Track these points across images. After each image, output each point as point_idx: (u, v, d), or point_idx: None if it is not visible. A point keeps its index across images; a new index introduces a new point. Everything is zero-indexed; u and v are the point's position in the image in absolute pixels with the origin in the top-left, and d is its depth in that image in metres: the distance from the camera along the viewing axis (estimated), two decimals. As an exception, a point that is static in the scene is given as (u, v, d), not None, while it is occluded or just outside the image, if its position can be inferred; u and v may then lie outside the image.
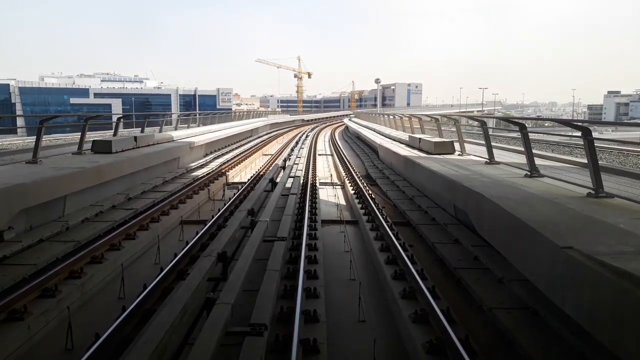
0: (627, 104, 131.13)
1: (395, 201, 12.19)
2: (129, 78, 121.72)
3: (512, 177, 8.03)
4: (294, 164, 19.09)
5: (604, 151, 13.74)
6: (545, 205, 5.84)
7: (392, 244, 7.75)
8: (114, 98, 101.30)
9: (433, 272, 7.02)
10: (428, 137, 14.51)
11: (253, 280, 6.20)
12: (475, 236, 7.74)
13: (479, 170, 9.06)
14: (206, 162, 19.52)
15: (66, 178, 9.06)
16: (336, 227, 10.33)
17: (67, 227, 8.94)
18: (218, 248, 6.33)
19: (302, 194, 12.73)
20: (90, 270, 6.88)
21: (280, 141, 37.00)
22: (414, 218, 10.16)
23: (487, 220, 6.45)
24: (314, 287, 5.93)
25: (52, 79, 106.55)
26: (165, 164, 15.48)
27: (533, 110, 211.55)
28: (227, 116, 36.09)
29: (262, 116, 56.55)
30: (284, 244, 7.41)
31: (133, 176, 12.87)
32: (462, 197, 7.76)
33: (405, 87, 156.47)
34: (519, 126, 7.92)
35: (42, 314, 5.54)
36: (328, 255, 8.06)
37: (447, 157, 11.58)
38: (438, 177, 9.52)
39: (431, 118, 16.51)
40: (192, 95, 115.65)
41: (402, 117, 21.58)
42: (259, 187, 12.80)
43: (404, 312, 5.41)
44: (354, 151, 27.86)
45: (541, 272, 4.55)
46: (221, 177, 15.82)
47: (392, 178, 15.15)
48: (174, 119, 26.10)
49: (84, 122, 12.45)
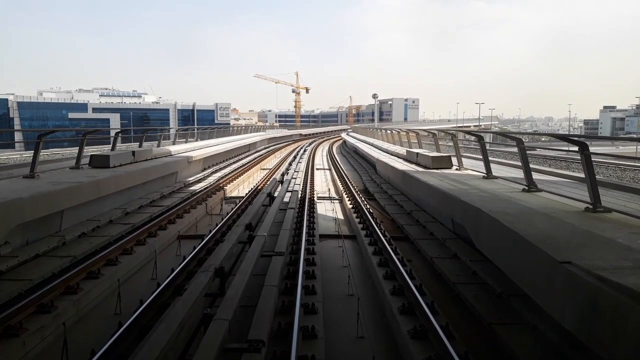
0: (622, 118, 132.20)
1: (393, 215, 12.19)
2: (127, 93, 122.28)
3: (509, 192, 8.05)
4: (292, 178, 19.13)
5: (601, 165, 13.83)
6: (543, 219, 5.86)
7: (391, 258, 7.73)
8: (112, 113, 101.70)
9: (432, 287, 6.98)
10: (426, 151, 14.58)
11: (251, 295, 6.16)
12: (473, 250, 7.73)
13: (476, 185, 9.09)
14: (204, 176, 19.53)
15: (63, 193, 9.04)
16: (334, 242, 10.30)
17: (64, 242, 8.89)
18: (215, 263, 6.30)
19: (300, 208, 12.72)
20: (86, 285, 6.83)
21: (278, 155, 37.08)
22: (412, 232, 10.14)
23: (485, 234, 6.45)
24: (312, 302, 5.89)
25: (51, 94, 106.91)
26: (163, 178, 15.47)
27: (529, 125, 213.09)
28: (225, 131, 36.23)
29: (260, 131, 56.79)
30: (281, 259, 7.38)
31: (131, 191, 12.85)
32: (461, 212, 7.77)
33: (402, 102, 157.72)
34: (516, 141, 7.98)
35: (38, 330, 5.48)
36: (326, 270, 8.02)
37: (445, 171, 11.62)
38: (436, 192, 9.54)
39: (428, 133, 16.60)
40: (190, 110, 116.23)
41: (399, 131, 21.70)
42: (256, 202, 12.79)
43: (403, 327, 5.37)
44: (352, 165, 27.92)
45: (540, 287, 4.53)
46: (219, 192, 15.81)
47: (390, 192, 15.17)
48: (172, 134, 26.12)
49: (82, 136, 12.47)
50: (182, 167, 17.27)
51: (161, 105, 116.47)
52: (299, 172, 22.03)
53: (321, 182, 20.44)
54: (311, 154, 36.27)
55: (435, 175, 11.02)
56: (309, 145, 51.28)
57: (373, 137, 33.77)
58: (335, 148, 47.24)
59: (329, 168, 26.26)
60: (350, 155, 36.31)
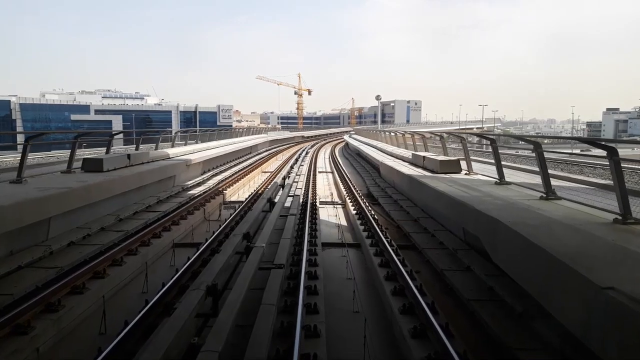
0: (625, 121, 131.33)
1: (399, 222, 11.64)
2: (129, 95, 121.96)
3: (526, 200, 7.49)
4: (294, 182, 18.57)
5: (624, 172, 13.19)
6: (570, 233, 5.30)
7: (399, 271, 7.18)
8: (114, 115, 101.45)
9: (444, 304, 6.42)
10: (433, 155, 14.01)
11: (247, 314, 5.62)
12: (488, 263, 7.17)
13: (489, 192, 8.53)
14: (203, 180, 19.00)
15: (50, 199, 8.52)
16: (337, 251, 9.76)
17: (51, 252, 8.38)
18: (208, 280, 5.75)
19: (301, 214, 12.18)
20: (69, 302, 6.31)
21: (280, 158, 36.55)
22: (420, 241, 9.59)
23: (503, 248, 5.90)
24: (314, 324, 5.34)
25: (53, 96, 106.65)
26: (160, 182, 14.96)
27: (532, 127, 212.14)
28: (226, 133, 35.71)
29: (262, 133, 56.31)
30: (281, 273, 6.84)
31: (125, 196, 12.34)
32: (473, 221, 7.22)
33: (404, 104, 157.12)
34: (533, 145, 7.43)
35: (12, 354, 4.97)
36: (329, 284, 7.48)
37: (454, 176, 11.06)
38: (445, 198, 8.99)
39: (433, 135, 16.04)
40: (192, 112, 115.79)
41: (404, 134, 21.12)
42: (256, 207, 12.25)
43: (415, 353, 4.82)
44: (355, 168, 27.37)
45: (574, 313, 3.98)
46: (218, 196, 15.28)
47: (394, 197, 14.62)
48: (171, 136, 25.55)
49: (74, 139, 11.96)
50: (180, 171, 16.76)
51: (163, 107, 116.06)
52: (301, 175, 21.48)
53: (323, 185, 19.89)
54: (313, 156, 35.74)
55: (444, 180, 10.46)
56: (311, 147, 50.74)
57: (376, 140, 33.22)
58: (337, 150, 46.69)
59: (331, 171, 25.71)
60: (352, 158, 35.76)
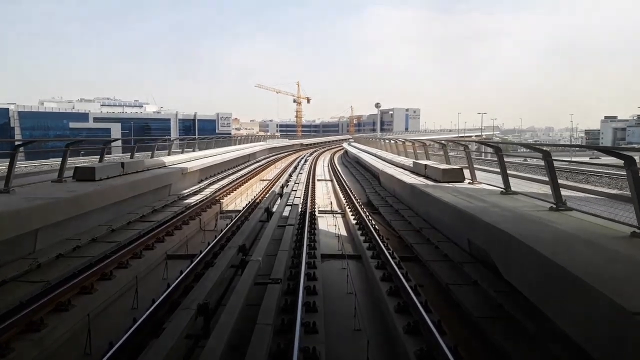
0: (624, 129, 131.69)
1: (400, 232, 11.28)
2: (128, 102, 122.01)
3: (535, 211, 7.15)
4: (292, 191, 18.23)
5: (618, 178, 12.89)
6: (587, 248, 4.95)
7: (402, 286, 6.80)
8: (113, 122, 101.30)
9: (451, 321, 6.04)
10: (435, 163, 13.69)
11: (241, 334, 5.24)
12: (496, 278, 6.81)
13: (495, 202, 8.19)
14: (200, 188, 18.66)
15: (38, 209, 8.17)
16: (337, 263, 9.39)
17: (38, 265, 8.01)
18: (200, 297, 5.38)
19: (300, 224, 11.82)
20: (53, 320, 5.93)
21: (279, 166, 36.23)
22: (423, 253, 9.23)
23: (517, 265, 5.54)
24: (312, 345, 4.97)
25: (52, 104, 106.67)
26: (155, 191, 14.61)
27: (530, 135, 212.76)
28: (224, 141, 35.41)
29: (261, 141, 56.08)
30: (278, 288, 6.47)
31: (119, 205, 11.98)
32: (481, 233, 6.88)
33: (403, 112, 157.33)
34: (543, 153, 7.11)
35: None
36: (329, 299, 7.10)
37: (457, 185, 10.73)
38: (449, 209, 8.65)
39: (436, 143, 15.73)
40: (191, 120, 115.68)
41: (404, 142, 20.81)
42: (253, 217, 11.89)
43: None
44: (354, 176, 27.03)
45: (601, 340, 3.62)
46: (214, 205, 14.92)
47: (395, 206, 14.27)
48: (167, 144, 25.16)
49: (65, 147, 11.62)
50: (176, 179, 16.41)
51: (162, 115, 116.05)
52: (300, 183, 21.13)
53: (322, 194, 19.55)
54: (312, 164, 35.42)
55: (447, 189, 10.12)
56: (310, 155, 50.45)
57: (375, 147, 32.94)
58: (336, 158, 46.40)
59: (330, 179, 25.38)
60: (352, 166, 35.45)
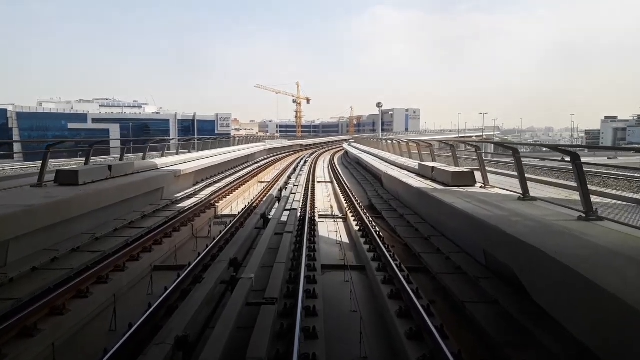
0: (624, 129, 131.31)
1: (407, 240, 10.50)
2: (127, 103, 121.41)
3: (561, 220, 6.36)
4: (291, 194, 17.45)
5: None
6: (632, 267, 4.17)
7: (414, 306, 6.01)
8: (112, 123, 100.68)
9: (472, 350, 5.27)
10: (442, 165, 12.89)
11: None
12: (520, 297, 6.02)
13: (514, 209, 7.41)
14: (195, 191, 17.86)
15: (7, 219, 7.38)
16: (339, 275, 8.62)
17: (11, 279, 7.23)
18: (179, 327, 4.59)
19: (299, 230, 11.05)
20: (15, 348, 5.16)
21: (278, 167, 35.45)
22: (433, 264, 8.44)
23: (549, 285, 4.76)
24: (312, 386, 4.19)
25: (50, 104, 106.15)
26: (146, 195, 13.82)
27: (530, 135, 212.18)
28: (222, 142, 34.59)
29: (260, 141, 55.29)
30: (273, 310, 5.69)
31: (105, 211, 11.19)
32: (501, 245, 6.10)
33: (403, 112, 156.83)
34: (571, 156, 6.33)
35: None
36: (331, 319, 6.32)
37: (469, 189, 9.94)
38: (462, 216, 7.87)
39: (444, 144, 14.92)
40: (190, 121, 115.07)
41: (407, 142, 19.99)
42: (249, 224, 11.10)
43: None
44: (355, 178, 26.25)
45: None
46: (209, 210, 14.15)
47: (400, 211, 13.47)
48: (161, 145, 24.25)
49: (46, 149, 10.83)
50: (169, 182, 15.61)
51: (161, 115, 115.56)
52: (299, 186, 20.33)
53: (322, 196, 18.77)
54: (312, 165, 34.65)
55: (459, 194, 9.34)
56: (310, 156, 49.67)
57: (377, 148, 32.15)
58: (337, 159, 45.62)
59: (330, 181, 24.60)
60: (352, 167, 34.68)
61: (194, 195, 16.84)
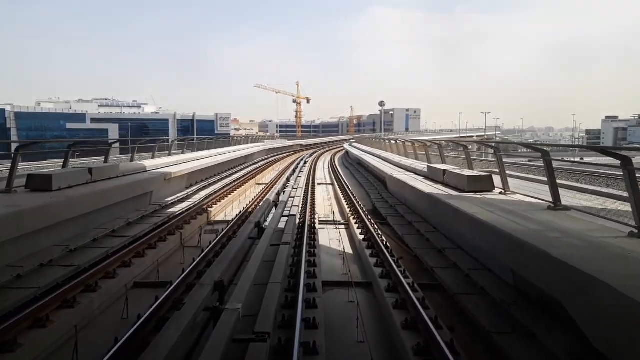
0: (625, 128, 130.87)
1: (417, 251, 9.47)
2: (127, 103, 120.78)
3: (613, 237, 5.33)
4: (289, 198, 16.38)
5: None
6: None
7: (435, 343, 4.97)
8: (111, 123, 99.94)
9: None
10: (455, 168, 11.82)
11: None
12: (563, 329, 4.99)
13: (547, 222, 6.38)
14: (187, 195, 16.82)
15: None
16: (343, 294, 7.62)
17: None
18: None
19: (297, 240, 10.03)
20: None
21: (277, 168, 34.41)
22: (450, 282, 7.41)
23: (612, 326, 3.73)
24: None
25: (49, 104, 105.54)
26: (133, 200, 12.79)
27: (530, 135, 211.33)
28: (218, 142, 33.48)
29: (259, 141, 54.26)
30: (264, 349, 4.65)
31: (84, 219, 10.17)
32: (537, 266, 5.09)
33: (403, 112, 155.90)
34: (622, 160, 5.29)
35: None
36: (334, 352, 5.30)
37: (487, 196, 8.90)
38: (483, 227, 6.85)
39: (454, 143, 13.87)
40: (190, 120, 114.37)
41: (413, 143, 18.91)
42: (242, 234, 10.05)
43: None
44: (357, 180, 25.21)
45: None
46: (200, 216, 13.10)
47: (408, 217, 12.43)
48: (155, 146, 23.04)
49: (15, 151, 9.79)
50: (159, 186, 14.58)
51: (161, 115, 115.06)
52: (298, 188, 19.23)
53: (323, 199, 17.74)
54: (312, 166, 33.59)
55: (476, 201, 8.30)
56: (310, 156, 48.59)
57: (379, 149, 31.09)
58: (337, 159, 44.58)
59: (331, 183, 23.55)
60: (354, 168, 33.64)
61: (186, 199, 15.80)
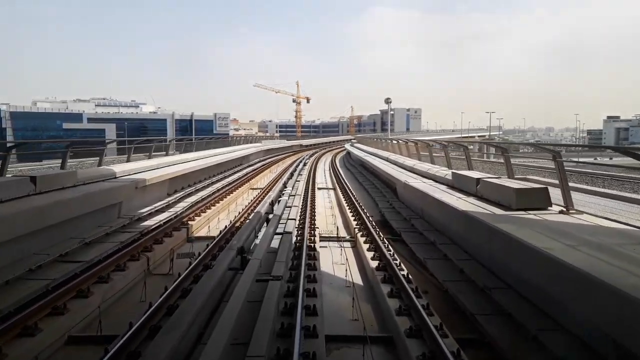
0: (627, 129, 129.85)
1: (447, 285, 7.23)
2: (125, 103, 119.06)
3: None
4: (286, 207, 14.10)
5: None
6: None
7: None
8: (107, 123, 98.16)
9: None
10: (493, 177, 9.52)
11: None
12: None
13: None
14: (168, 204, 14.53)
15: None
16: (354, 355, 5.44)
17: None
18: None
19: (293, 269, 7.79)
20: None
21: (275, 170, 32.18)
22: (506, 343, 5.16)
23: None
24: None
25: (45, 104, 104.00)
26: (94, 214, 10.55)
27: (531, 135, 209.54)
28: (209, 142, 30.96)
29: (256, 142, 51.97)
30: None
31: (19, 243, 7.93)
32: None
33: (404, 112, 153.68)
34: None
35: None
36: None
37: (548, 217, 6.63)
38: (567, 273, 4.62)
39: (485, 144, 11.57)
40: (188, 120, 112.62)
41: (429, 144, 16.55)
42: (221, 262, 7.75)
43: None
44: (361, 184, 22.93)
45: None
46: (177, 232, 10.88)
47: (429, 236, 10.05)
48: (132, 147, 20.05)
49: None
50: (129, 195, 12.31)
51: (158, 115, 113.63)
52: (296, 196, 16.90)
53: (324, 208, 15.51)
54: (312, 168, 31.35)
55: (541, 228, 6.04)
56: (310, 157, 46.33)
57: (385, 150, 28.79)
58: (338, 161, 42.36)
59: (333, 187, 21.30)
60: (356, 170, 31.40)
61: (164, 210, 13.50)
